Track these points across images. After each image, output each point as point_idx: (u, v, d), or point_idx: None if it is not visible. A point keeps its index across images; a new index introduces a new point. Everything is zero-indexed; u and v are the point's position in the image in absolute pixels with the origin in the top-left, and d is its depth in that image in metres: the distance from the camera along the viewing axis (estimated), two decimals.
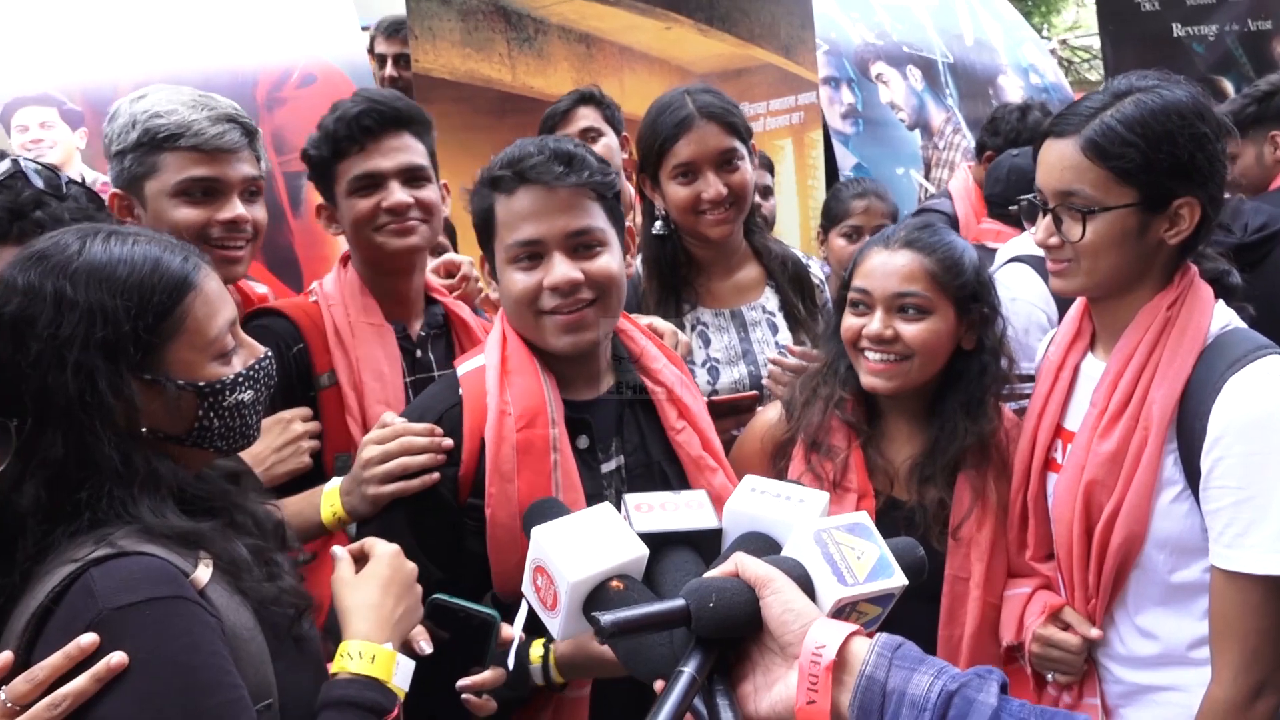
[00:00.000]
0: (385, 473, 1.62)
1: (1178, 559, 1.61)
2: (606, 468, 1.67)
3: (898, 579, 1.06)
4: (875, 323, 1.79)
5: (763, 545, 1.16)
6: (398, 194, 1.93)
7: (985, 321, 1.84)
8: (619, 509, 1.23)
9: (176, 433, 1.22)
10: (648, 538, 1.17)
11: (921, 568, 1.14)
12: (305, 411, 1.92)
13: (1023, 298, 2.46)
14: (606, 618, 0.97)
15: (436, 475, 1.60)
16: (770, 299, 2.32)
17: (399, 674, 1.23)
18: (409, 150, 1.97)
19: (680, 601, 0.99)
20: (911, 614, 1.74)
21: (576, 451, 1.62)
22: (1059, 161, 1.63)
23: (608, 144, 3.00)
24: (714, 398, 2.12)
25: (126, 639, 1.05)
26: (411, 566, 1.35)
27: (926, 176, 5.47)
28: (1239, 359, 1.54)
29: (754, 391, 2.20)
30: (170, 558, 1.13)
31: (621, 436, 1.68)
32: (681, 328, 2.21)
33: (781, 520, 1.18)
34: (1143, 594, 1.66)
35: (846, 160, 5.05)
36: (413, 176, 1.97)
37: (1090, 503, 1.64)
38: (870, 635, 0.97)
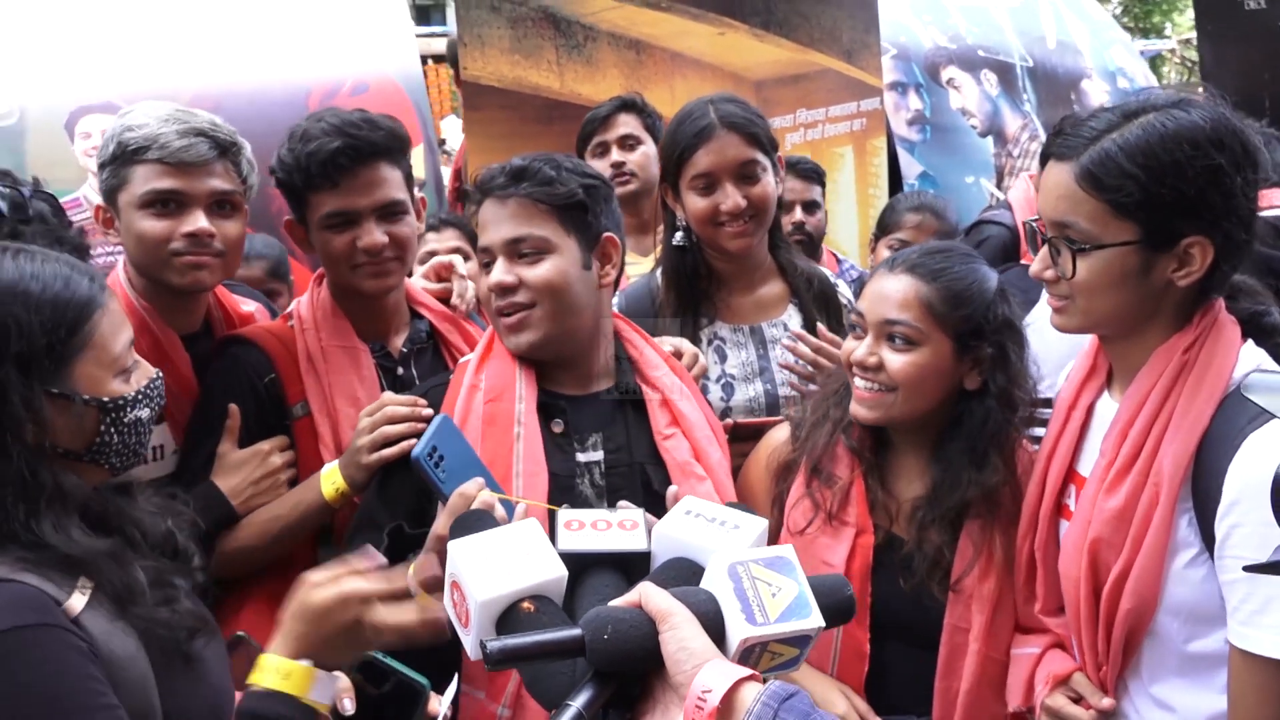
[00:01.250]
0: (370, 441, 1.75)
1: (1194, 628, 1.45)
2: (584, 457, 1.71)
3: (813, 620, 1.00)
4: (861, 348, 1.72)
5: (686, 573, 1.12)
6: (374, 234, 1.91)
7: (994, 363, 1.70)
8: (597, 501, 1.19)
9: (76, 448, 1.24)
10: (572, 557, 1.14)
11: (849, 609, 1.08)
12: (283, 441, 1.93)
13: None
14: (494, 644, 0.94)
15: (413, 441, 1.68)
16: (793, 317, 2.26)
17: (316, 689, 1.21)
18: (384, 184, 1.93)
19: (575, 631, 0.96)
20: (908, 661, 1.71)
21: (550, 435, 1.69)
22: (1055, 188, 1.48)
23: (645, 152, 2.96)
24: (740, 420, 2.08)
25: None
26: (327, 595, 1.29)
27: (999, 185, 5.28)
28: (1261, 412, 1.36)
29: (781, 417, 2.14)
30: (43, 585, 1.13)
31: (605, 433, 1.73)
32: (698, 342, 2.17)
33: (708, 547, 1.13)
34: (1158, 663, 1.50)
35: (912, 168, 4.91)
36: (389, 212, 1.94)
37: (1097, 562, 1.50)
38: (763, 681, 0.92)
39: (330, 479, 1.84)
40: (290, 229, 2.05)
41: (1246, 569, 1.34)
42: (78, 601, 1.15)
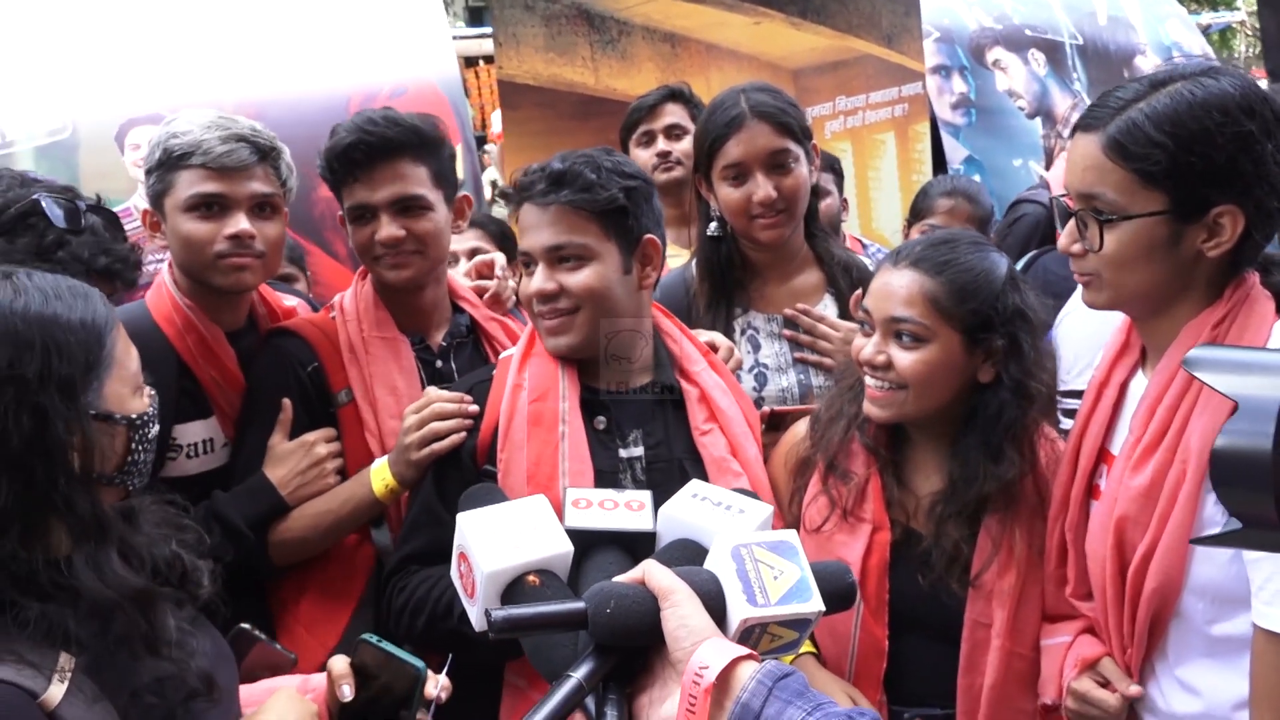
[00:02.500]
0: (419, 438, 1.78)
1: (1219, 609, 1.43)
2: (625, 453, 1.74)
3: (814, 604, 1.00)
4: (869, 346, 1.69)
5: (690, 554, 1.13)
6: (388, 227, 1.95)
7: (1006, 355, 1.65)
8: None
9: (109, 470, 1.20)
10: (578, 534, 1.16)
11: (849, 595, 1.08)
12: (329, 432, 1.98)
13: None
14: (498, 614, 0.96)
15: (463, 436, 1.76)
16: (830, 306, 2.23)
17: None
18: (402, 180, 1.96)
19: (579, 604, 0.97)
20: (928, 655, 1.69)
21: (593, 432, 1.72)
22: (1082, 159, 1.45)
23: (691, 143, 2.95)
24: (776, 409, 2.07)
25: None
26: (310, 707, 1.30)
27: (1048, 167, 5.16)
28: None
29: (816, 406, 2.12)
30: (19, 679, 1.05)
31: (645, 429, 1.75)
32: (731, 332, 2.16)
33: (713, 530, 1.14)
34: (1184, 644, 1.47)
35: (957, 153, 4.82)
36: (405, 207, 1.97)
37: (1122, 540, 1.47)
38: (760, 660, 0.93)
39: (380, 476, 1.88)
40: (342, 222, 2.11)
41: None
42: (56, 692, 1.06)
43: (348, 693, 1.31)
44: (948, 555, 1.67)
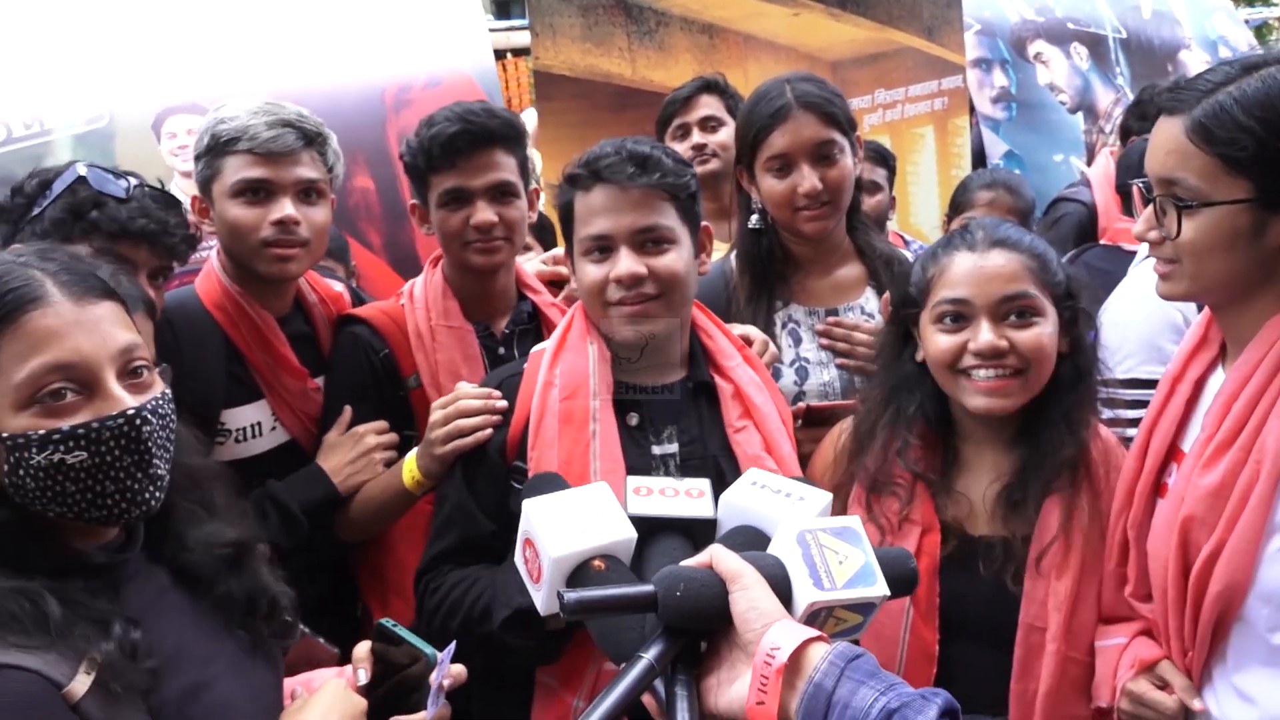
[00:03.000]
0: (445, 434, 1.78)
1: None
2: (659, 450, 1.70)
3: (879, 588, 1.02)
4: (986, 333, 1.59)
5: (752, 540, 1.14)
6: (484, 212, 2.01)
7: (1075, 320, 1.66)
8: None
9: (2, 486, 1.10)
10: (640, 521, 1.18)
11: (912, 580, 1.09)
12: (380, 425, 2.05)
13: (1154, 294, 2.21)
14: (570, 595, 0.97)
15: (489, 432, 1.74)
16: (870, 300, 2.18)
17: None
18: (498, 167, 2.03)
19: (649, 587, 0.99)
20: (979, 661, 1.63)
21: (625, 428, 1.68)
22: (1164, 143, 1.40)
23: (727, 133, 2.89)
24: (813, 405, 2.02)
25: None
26: (358, 702, 1.29)
27: (1089, 163, 5.05)
28: None
29: (854, 401, 2.07)
30: (42, 667, 1.01)
31: (679, 425, 1.72)
32: (772, 325, 2.12)
33: (774, 516, 1.16)
34: (1245, 650, 1.42)
35: (997, 147, 4.73)
36: (500, 193, 2.04)
37: (1187, 540, 1.42)
38: (830, 642, 0.94)
39: (409, 468, 1.91)
40: (413, 210, 2.17)
41: None
42: (81, 684, 1.03)
43: (363, 677, 1.33)
44: (1012, 548, 1.62)
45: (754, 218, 2.19)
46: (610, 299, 1.67)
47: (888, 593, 1.03)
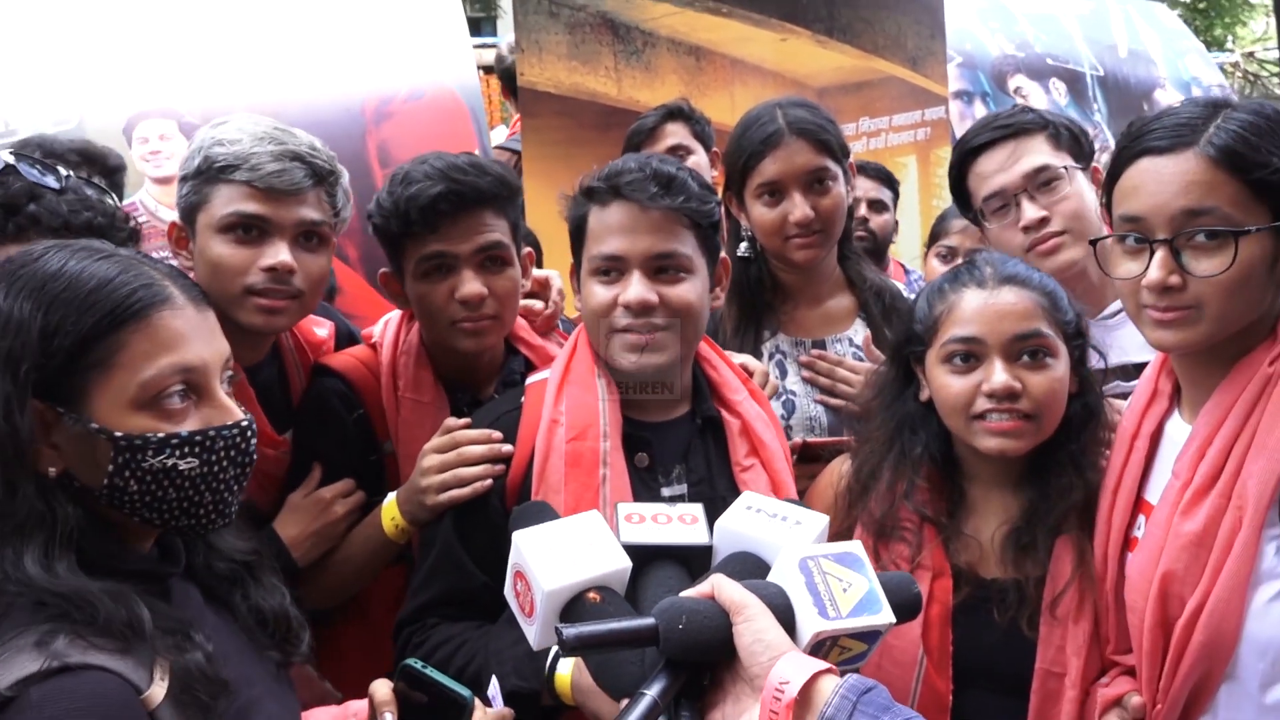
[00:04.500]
0: (441, 482, 1.63)
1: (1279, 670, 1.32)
2: (668, 491, 1.62)
3: (885, 616, 1.00)
4: (999, 374, 1.53)
5: (751, 567, 1.11)
6: (471, 284, 1.76)
7: (1084, 359, 1.62)
8: None
9: (91, 483, 1.08)
10: (634, 550, 1.13)
11: (915, 606, 1.06)
12: (347, 487, 1.82)
13: None
14: (570, 631, 0.94)
15: (490, 483, 1.61)
16: (859, 332, 2.15)
17: None
18: (487, 230, 1.78)
19: (649, 620, 0.96)
20: (998, 710, 1.56)
21: (634, 470, 1.59)
22: (1178, 177, 1.34)
23: (696, 162, 2.86)
24: (810, 440, 1.98)
25: None
26: None
27: None
28: None
29: (852, 439, 2.03)
30: (123, 669, 0.99)
31: (687, 464, 1.64)
32: (759, 356, 2.07)
33: (772, 542, 1.12)
34: (1236, 708, 1.36)
35: None
36: (491, 260, 1.80)
37: (1167, 593, 1.37)
38: (840, 674, 0.91)
39: (390, 515, 1.75)
40: (386, 281, 1.90)
41: None
42: (158, 691, 1.01)
43: (390, 719, 1.24)
44: (1025, 591, 1.57)
45: (743, 245, 2.15)
46: (616, 325, 1.57)
47: (894, 620, 1.00)
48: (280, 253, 1.70)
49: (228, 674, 1.10)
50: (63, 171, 1.69)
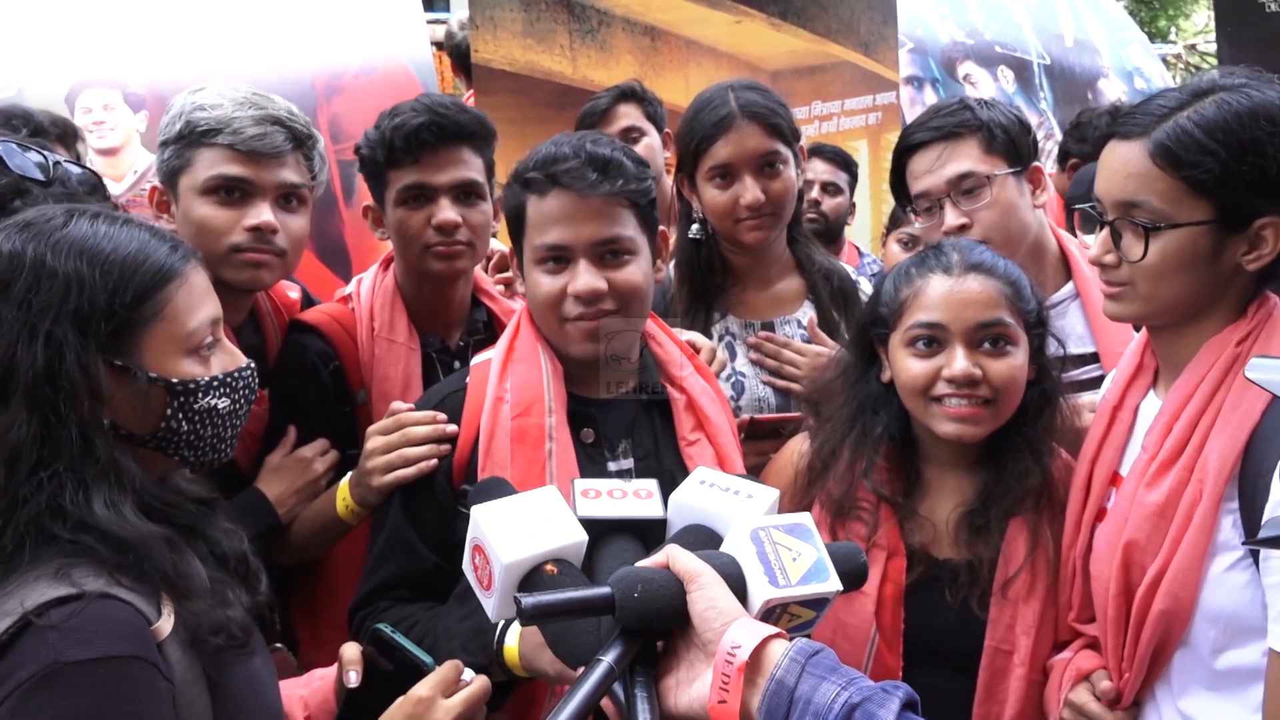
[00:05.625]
0: (387, 463, 1.64)
1: (1231, 637, 1.38)
2: (615, 466, 1.64)
3: (832, 584, 1.04)
4: (960, 361, 1.56)
5: (704, 539, 1.14)
6: (447, 211, 1.87)
7: (1043, 347, 1.66)
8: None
9: (142, 431, 1.17)
10: (590, 524, 1.16)
11: (861, 575, 1.10)
12: (323, 445, 1.88)
13: None
14: (528, 600, 0.96)
15: (435, 462, 1.62)
16: (808, 314, 2.19)
17: None
18: (464, 165, 1.90)
19: (605, 590, 0.99)
20: (948, 688, 1.60)
21: (580, 445, 1.61)
22: (1123, 167, 1.41)
23: (649, 144, 2.87)
24: (756, 417, 2.02)
25: (72, 696, 0.99)
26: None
27: None
28: None
29: (800, 414, 2.07)
30: (135, 601, 1.06)
31: (633, 439, 1.65)
32: (710, 337, 2.11)
33: (724, 515, 1.16)
34: (1188, 675, 1.43)
35: None
36: (465, 193, 1.91)
37: (1130, 561, 1.44)
38: (789, 639, 0.95)
39: (343, 495, 1.78)
40: (367, 213, 2.01)
41: (1245, 543, 1.31)
42: (165, 624, 1.08)
43: (354, 679, 1.31)
44: (977, 573, 1.61)
45: (694, 227, 2.18)
46: (567, 314, 1.58)
47: (841, 588, 1.04)
48: (263, 213, 1.79)
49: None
50: (50, 158, 1.69)
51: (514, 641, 1.44)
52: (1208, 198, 1.37)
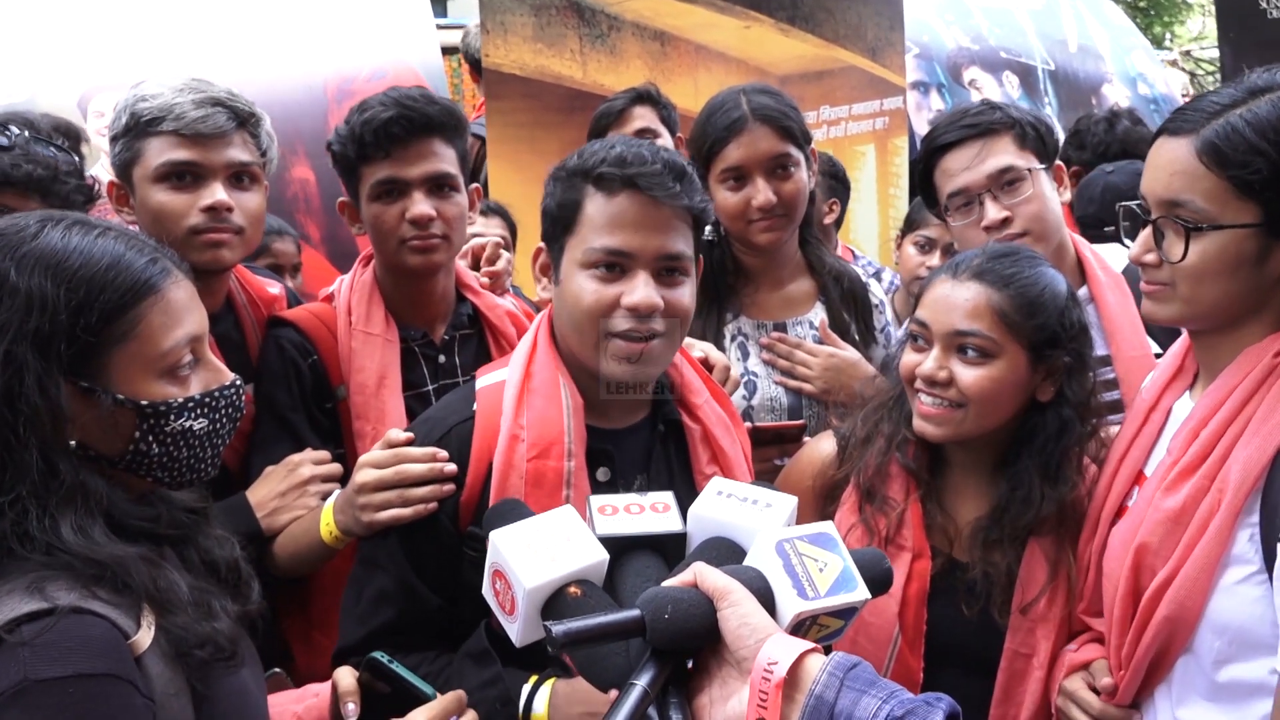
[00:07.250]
0: (384, 500, 1.53)
1: (1236, 650, 1.35)
2: None
3: (860, 593, 1.02)
4: (929, 361, 1.59)
5: (726, 552, 1.13)
6: (420, 205, 1.86)
7: (1069, 372, 1.61)
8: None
9: (109, 453, 1.12)
10: (610, 541, 1.14)
11: (887, 581, 1.09)
12: (319, 455, 1.84)
13: None
14: (558, 628, 0.94)
15: (434, 506, 1.50)
16: (819, 314, 2.20)
17: None
18: (436, 158, 1.89)
19: (635, 612, 0.97)
20: (970, 689, 1.56)
21: (595, 485, 1.50)
22: (1169, 164, 1.36)
23: (664, 145, 2.89)
24: (758, 424, 2.03)
25: (42, 714, 0.95)
26: None
27: None
28: None
29: (801, 421, 2.08)
30: (112, 615, 1.03)
31: (649, 473, 1.56)
32: (721, 338, 2.12)
33: (745, 526, 1.14)
34: (1189, 683, 1.41)
35: None
36: (439, 186, 1.90)
37: (1140, 564, 1.42)
38: (825, 653, 0.94)
39: (326, 520, 1.69)
40: (343, 209, 2.01)
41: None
42: (144, 638, 1.05)
43: (352, 710, 1.26)
44: (995, 583, 1.60)
45: (706, 229, 2.18)
46: (613, 328, 1.43)
47: (869, 596, 1.03)
48: (216, 192, 1.81)
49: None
50: (15, 131, 1.74)
51: (542, 709, 1.39)
52: (1255, 200, 1.32)
